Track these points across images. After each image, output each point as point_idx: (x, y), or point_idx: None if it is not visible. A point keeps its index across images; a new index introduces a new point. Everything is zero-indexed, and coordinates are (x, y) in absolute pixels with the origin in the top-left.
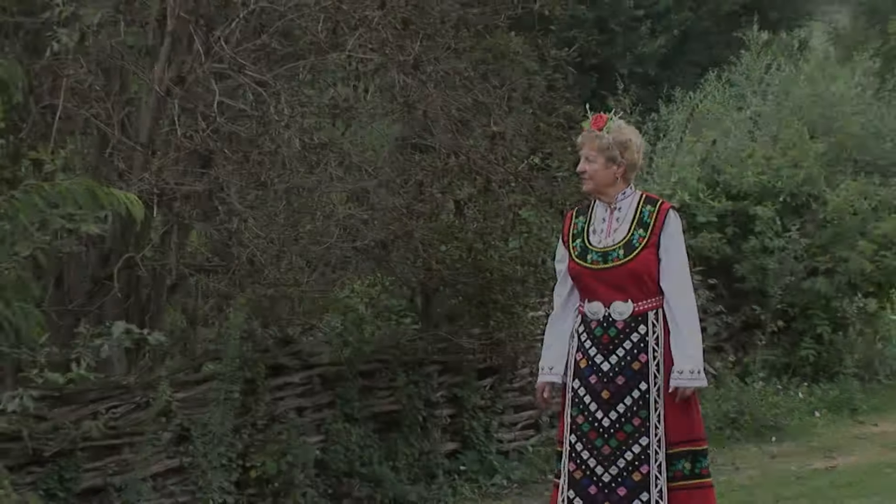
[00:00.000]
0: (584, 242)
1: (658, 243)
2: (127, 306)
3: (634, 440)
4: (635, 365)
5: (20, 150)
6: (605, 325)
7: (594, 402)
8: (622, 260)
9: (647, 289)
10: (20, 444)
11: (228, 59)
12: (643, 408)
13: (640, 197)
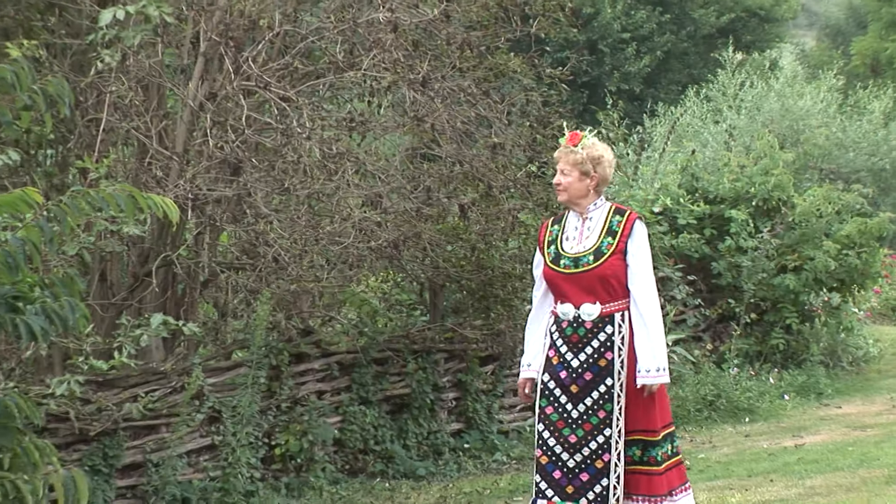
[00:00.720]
0: (557, 249)
1: (625, 250)
2: (164, 300)
3: (599, 431)
4: (602, 362)
5: (68, 160)
6: (575, 324)
7: (564, 394)
8: (591, 265)
9: (615, 292)
10: (68, 424)
11: (255, 78)
12: (608, 402)
13: (610, 208)
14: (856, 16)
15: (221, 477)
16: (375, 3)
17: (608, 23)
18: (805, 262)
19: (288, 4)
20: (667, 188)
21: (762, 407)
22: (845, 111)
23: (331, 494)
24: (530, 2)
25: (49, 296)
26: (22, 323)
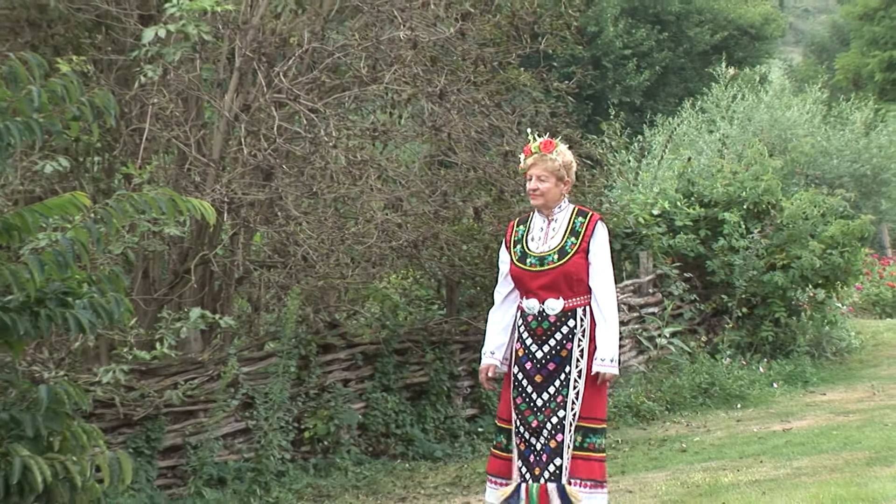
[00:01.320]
0: (523, 248)
1: (588, 249)
2: (202, 295)
3: (554, 413)
4: (563, 353)
5: (113, 166)
6: (540, 318)
7: (530, 384)
8: (556, 263)
9: (577, 288)
10: (113, 409)
11: (286, 91)
12: (565, 387)
13: (574, 209)
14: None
15: (254, 458)
16: (397, 22)
17: (611, 40)
18: (792, 261)
19: (316, 23)
20: (665, 192)
21: (753, 394)
22: (829, 122)
23: (355, 474)
24: (539, 21)
25: (96, 291)
26: (71, 316)
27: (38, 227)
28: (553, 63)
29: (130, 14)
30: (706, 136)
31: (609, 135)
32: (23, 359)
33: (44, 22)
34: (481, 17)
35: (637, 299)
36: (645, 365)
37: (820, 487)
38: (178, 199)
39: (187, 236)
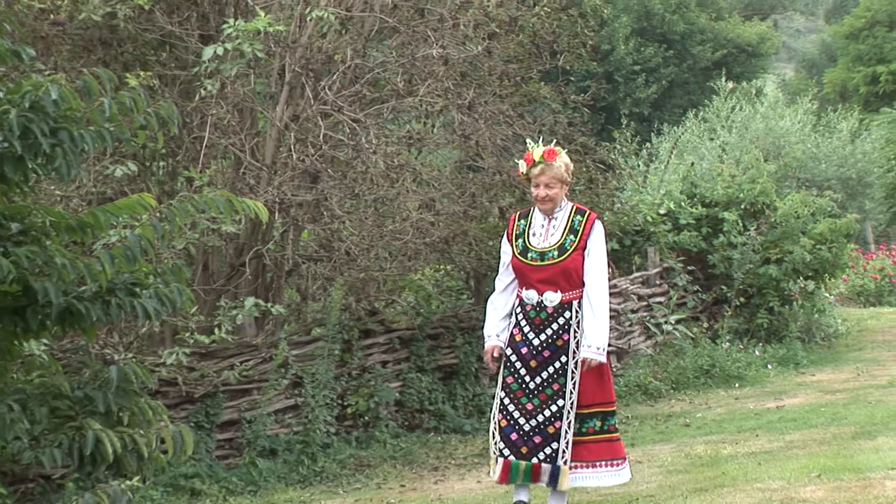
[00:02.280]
0: (524, 242)
1: (585, 246)
2: (255, 286)
3: (553, 401)
4: (559, 342)
5: (176, 170)
6: (538, 308)
7: (524, 367)
8: (556, 259)
9: (574, 282)
10: (176, 388)
11: (331, 103)
12: (562, 376)
13: (572, 208)
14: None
15: (303, 431)
16: (430, 41)
17: (622, 57)
18: (785, 255)
19: (358, 42)
20: (670, 194)
21: (749, 375)
22: (818, 130)
23: (392, 446)
24: (558, 40)
25: (161, 282)
26: (139, 305)
27: (109, 225)
28: (570, 78)
29: (192, 34)
30: (707, 144)
31: (620, 142)
32: (95, 343)
33: (114, 41)
34: (506, 36)
35: (645, 290)
36: (652, 348)
37: (810, 459)
38: (234, 200)
39: (242, 233)
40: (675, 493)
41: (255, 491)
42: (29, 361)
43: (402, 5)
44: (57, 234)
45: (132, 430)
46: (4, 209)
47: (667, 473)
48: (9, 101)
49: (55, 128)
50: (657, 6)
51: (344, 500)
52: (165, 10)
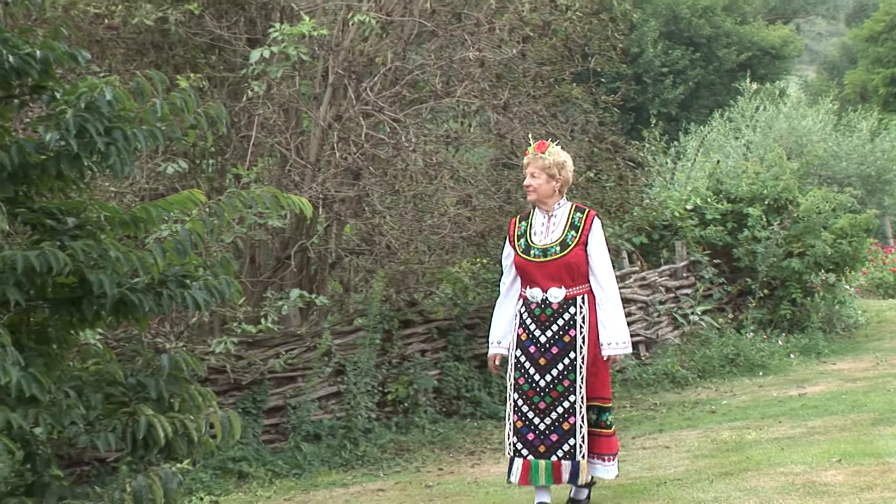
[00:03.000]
0: (527, 241)
1: (586, 242)
2: (300, 278)
3: (564, 398)
4: (566, 338)
5: (225, 167)
6: (543, 306)
7: (533, 367)
8: (558, 255)
9: (577, 278)
10: (225, 375)
11: (372, 103)
12: (572, 372)
13: (572, 206)
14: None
15: (345, 417)
16: (467, 45)
17: (650, 60)
18: (807, 249)
19: (398, 45)
20: (697, 190)
21: (773, 363)
22: (839, 129)
23: (431, 431)
24: (589, 43)
25: (210, 274)
26: (189, 296)
27: (160, 220)
28: (601, 79)
29: (240, 38)
30: (733, 142)
31: (649, 141)
32: (148, 332)
33: (166, 44)
34: (539, 40)
35: (673, 282)
36: (680, 338)
37: (831, 444)
38: (279, 196)
39: (288, 228)
40: (701, 476)
41: (299, 474)
42: (84, 350)
43: (441, 10)
44: (111, 228)
45: (183, 415)
46: (61, 205)
47: (693, 458)
48: (65, 101)
49: (109, 127)
50: (684, 11)
51: (384, 483)
52: (215, 15)
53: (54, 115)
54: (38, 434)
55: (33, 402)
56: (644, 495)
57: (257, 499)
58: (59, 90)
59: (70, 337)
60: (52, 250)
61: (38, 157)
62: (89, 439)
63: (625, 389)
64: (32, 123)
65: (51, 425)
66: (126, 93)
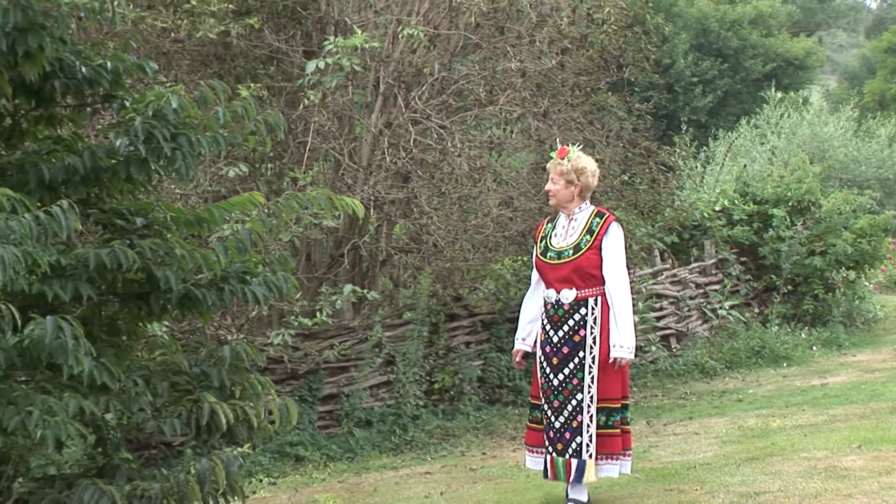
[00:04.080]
0: (547, 244)
1: (600, 246)
2: (353, 274)
3: (573, 396)
4: (576, 338)
5: (283, 171)
6: (556, 306)
7: (548, 366)
8: (571, 257)
9: (589, 280)
10: (282, 365)
11: (420, 111)
12: (580, 371)
13: (593, 211)
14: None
15: (394, 405)
16: (509, 56)
17: (681, 70)
18: (828, 248)
19: (444, 57)
20: (725, 192)
21: (796, 355)
22: (859, 135)
23: (475, 418)
24: (623, 54)
25: (269, 271)
26: (249, 291)
27: (223, 220)
28: (635, 88)
29: (296, 50)
30: (759, 147)
31: (680, 146)
32: (211, 325)
33: (228, 56)
34: (577, 51)
35: (702, 278)
36: (708, 331)
37: (851, 431)
38: (333, 198)
39: (341, 227)
40: (728, 461)
41: (352, 457)
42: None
43: (484, 24)
44: (177, 227)
45: (243, 402)
46: (130, 206)
47: (721, 444)
48: (134, 109)
49: (175, 133)
50: (713, 24)
51: (431, 466)
52: (273, 29)
53: (124, 122)
54: (108, 420)
55: (104, 389)
56: (675, 478)
57: (312, 481)
58: (128, 99)
59: (138, 329)
60: (122, 248)
61: (109, 162)
62: (156, 424)
63: (657, 379)
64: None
65: (120, 412)
66: (191, 101)
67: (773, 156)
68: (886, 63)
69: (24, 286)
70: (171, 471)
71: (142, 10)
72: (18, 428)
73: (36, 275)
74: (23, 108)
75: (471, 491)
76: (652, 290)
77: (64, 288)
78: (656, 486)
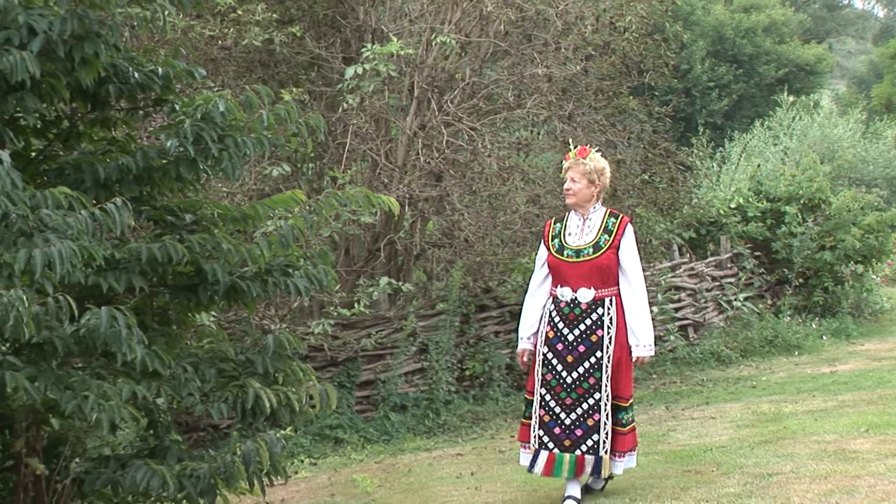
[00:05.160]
0: (561, 242)
1: (618, 246)
2: (389, 268)
3: (590, 395)
4: (593, 337)
5: (323, 171)
6: (572, 305)
7: (560, 363)
8: (591, 256)
9: (607, 280)
10: (322, 353)
11: (452, 114)
12: (598, 370)
13: (606, 211)
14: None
15: (428, 390)
16: (536, 62)
17: (698, 75)
18: (838, 243)
19: (475, 63)
20: (740, 191)
21: (807, 344)
22: (867, 137)
23: (503, 403)
24: (644, 61)
25: (310, 265)
26: (291, 283)
27: (266, 217)
28: (654, 92)
29: (336, 56)
30: (772, 148)
31: (697, 147)
32: (255, 315)
33: (271, 63)
34: (600, 58)
35: (718, 272)
36: (724, 322)
37: (859, 416)
38: (371, 196)
39: (378, 223)
40: (743, 444)
41: (388, 440)
42: (200, 330)
43: (513, 32)
44: (224, 223)
45: (286, 388)
46: (180, 203)
47: (736, 427)
48: (184, 112)
49: (222, 135)
50: (729, 32)
51: (462, 448)
52: (314, 37)
53: (174, 124)
54: (159, 404)
55: (156, 375)
56: (693, 460)
57: (351, 462)
58: (178, 103)
59: (188, 319)
60: (172, 243)
61: (160, 162)
62: (204, 408)
63: (675, 367)
64: (155, 132)
65: (171, 396)
66: (237, 105)
67: (785, 156)
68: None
69: (81, 278)
70: (218, 452)
71: (191, 19)
72: (75, 411)
73: (92, 268)
74: (79, 112)
75: (499, 472)
76: (671, 283)
77: (118, 280)
78: (675, 468)
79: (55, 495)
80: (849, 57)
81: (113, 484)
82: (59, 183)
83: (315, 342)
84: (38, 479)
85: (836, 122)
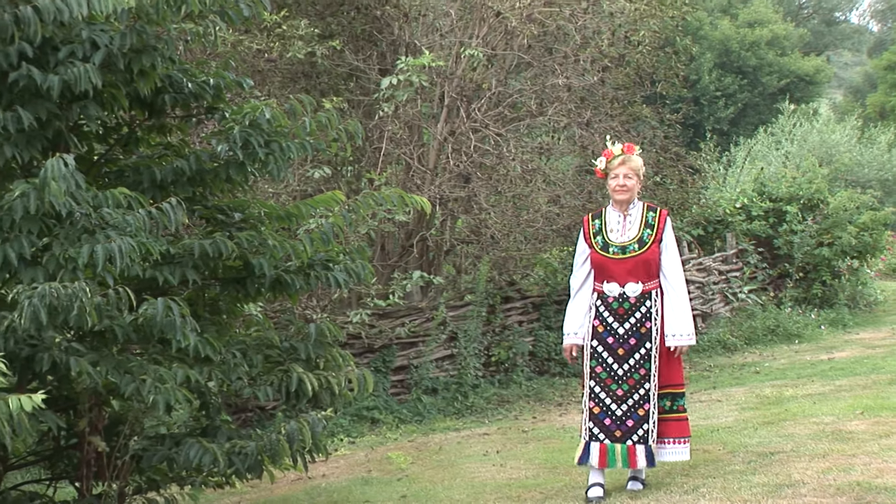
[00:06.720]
0: (604, 239)
1: (661, 240)
2: (421, 262)
3: (640, 385)
4: (643, 329)
5: (360, 173)
6: (621, 299)
7: (611, 356)
8: (637, 252)
9: (652, 273)
10: (360, 340)
11: (479, 121)
12: (647, 361)
13: (644, 205)
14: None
15: (457, 375)
16: (557, 73)
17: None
18: (835, 240)
19: (500, 74)
20: (745, 191)
21: (806, 333)
22: (862, 142)
23: (526, 387)
24: (656, 72)
25: (348, 259)
26: (331, 276)
27: (309, 215)
28: (666, 101)
29: (373, 68)
30: (774, 153)
31: (705, 151)
32: (298, 306)
33: (313, 74)
34: (616, 69)
35: (724, 266)
36: (730, 312)
37: (855, 399)
38: (405, 196)
39: (411, 221)
40: (747, 425)
41: (420, 420)
42: (248, 320)
43: (535, 45)
44: (269, 221)
45: (326, 372)
46: (230, 202)
47: (741, 410)
48: (233, 119)
49: (268, 140)
50: (735, 45)
51: (489, 429)
52: (353, 50)
53: (224, 130)
54: (211, 387)
55: (207, 361)
56: (701, 440)
57: (386, 440)
58: (228, 111)
59: (236, 309)
60: (223, 239)
61: (212, 165)
62: (252, 391)
63: (685, 354)
64: (207, 137)
65: (221, 380)
66: (281, 113)
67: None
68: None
69: (139, 272)
70: (264, 431)
71: (239, 34)
72: (134, 394)
73: (149, 262)
74: (138, 119)
75: (523, 450)
76: None
77: (173, 273)
78: None
79: (115, 470)
80: (845, 68)
81: (168, 460)
82: (119, 184)
83: (353, 330)
84: (100, 456)
85: (833, 129)
